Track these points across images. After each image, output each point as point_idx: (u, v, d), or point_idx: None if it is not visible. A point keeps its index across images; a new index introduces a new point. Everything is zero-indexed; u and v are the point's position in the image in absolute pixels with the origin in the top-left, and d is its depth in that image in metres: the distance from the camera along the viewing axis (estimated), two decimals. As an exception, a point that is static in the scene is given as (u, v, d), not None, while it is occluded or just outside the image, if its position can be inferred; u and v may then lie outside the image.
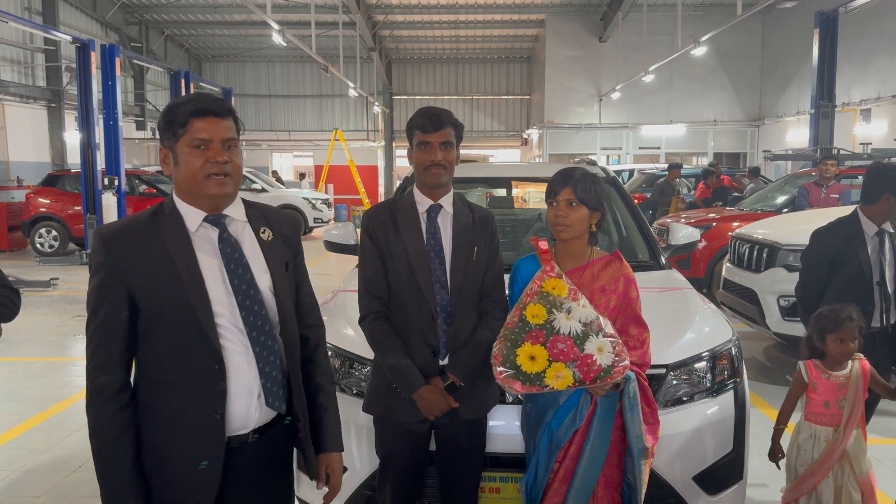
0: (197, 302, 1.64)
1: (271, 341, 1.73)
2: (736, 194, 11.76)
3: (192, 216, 1.70)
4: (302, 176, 22.78)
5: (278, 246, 1.81)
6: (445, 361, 2.34)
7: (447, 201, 2.39)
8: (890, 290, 3.25)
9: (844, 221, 3.33)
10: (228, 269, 1.69)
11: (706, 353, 2.69)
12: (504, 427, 2.56)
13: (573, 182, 2.29)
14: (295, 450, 2.81)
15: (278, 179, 20.71)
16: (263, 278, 1.74)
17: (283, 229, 1.85)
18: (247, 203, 1.82)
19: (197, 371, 1.66)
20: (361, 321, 2.41)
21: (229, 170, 1.67)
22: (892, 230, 3.31)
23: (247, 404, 1.71)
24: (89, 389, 1.67)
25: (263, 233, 1.79)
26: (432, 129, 2.30)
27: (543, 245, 2.27)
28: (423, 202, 2.38)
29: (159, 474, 1.69)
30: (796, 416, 2.96)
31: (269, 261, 1.77)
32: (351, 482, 2.63)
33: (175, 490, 1.69)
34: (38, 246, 12.77)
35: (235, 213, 1.76)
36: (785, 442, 2.95)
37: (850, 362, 2.83)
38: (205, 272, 1.67)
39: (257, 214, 1.82)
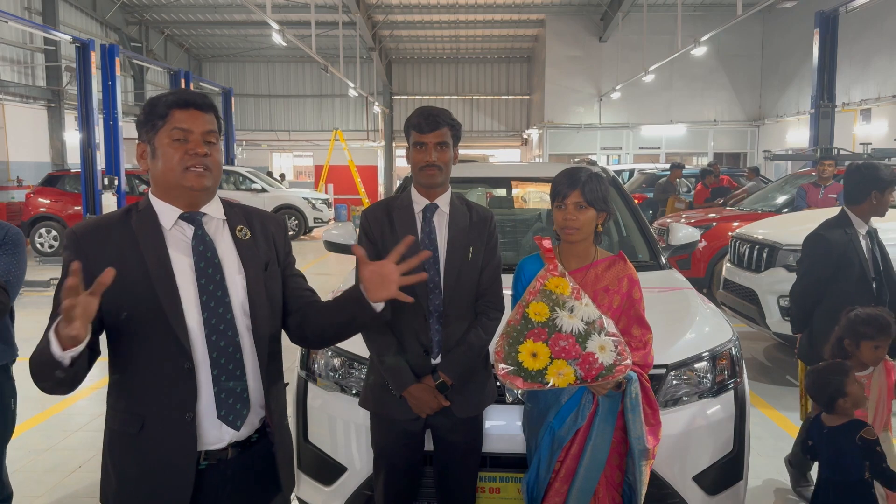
0: (166, 300, 1.59)
1: (232, 348, 1.64)
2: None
3: (168, 213, 1.65)
4: (282, 177, 22.37)
5: (257, 245, 1.75)
6: (438, 361, 2.35)
7: (444, 201, 2.39)
8: (884, 285, 3.37)
9: (838, 223, 3.40)
10: (198, 267, 1.63)
11: (706, 354, 2.69)
12: (504, 427, 2.56)
13: (581, 184, 2.29)
14: (294, 448, 2.81)
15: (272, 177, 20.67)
16: (238, 279, 1.68)
17: (269, 228, 1.80)
18: (226, 203, 1.77)
19: (168, 371, 1.60)
20: None
21: (209, 163, 1.63)
22: (874, 227, 3.45)
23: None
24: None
25: (240, 231, 1.73)
26: (428, 130, 2.30)
27: (547, 244, 2.27)
28: (419, 202, 2.39)
29: (129, 481, 1.64)
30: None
31: (245, 261, 1.70)
32: (351, 482, 2.63)
33: (144, 499, 1.63)
34: (38, 246, 12.78)
35: (213, 210, 1.71)
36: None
37: None
38: (176, 270, 1.62)
39: (237, 213, 1.77)
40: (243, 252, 1.72)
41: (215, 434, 1.65)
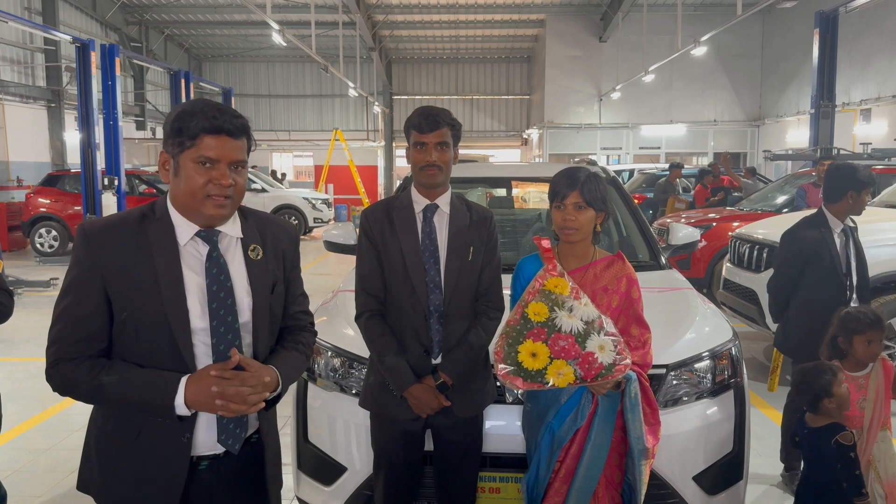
0: (174, 319, 1.57)
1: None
2: (736, 194, 11.75)
3: (184, 228, 1.63)
4: (283, 176, 22.31)
5: (267, 265, 1.73)
6: (438, 361, 2.35)
7: (444, 201, 2.40)
8: (854, 281, 3.50)
9: (812, 221, 3.55)
10: (210, 290, 1.61)
11: (706, 353, 2.69)
12: (504, 427, 2.57)
13: (580, 185, 2.29)
14: (294, 449, 2.82)
15: (274, 176, 20.67)
16: (246, 300, 1.67)
17: (281, 244, 1.78)
18: (244, 213, 1.75)
19: None
20: (357, 318, 2.43)
21: (231, 193, 1.59)
22: (852, 224, 3.57)
23: (216, 431, 1.66)
24: (47, 364, 1.59)
25: (253, 251, 1.71)
26: (428, 130, 2.30)
27: (546, 244, 2.27)
28: (419, 202, 2.39)
29: (117, 479, 1.64)
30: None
31: (254, 282, 1.69)
32: (351, 482, 2.64)
33: (132, 497, 1.63)
34: (38, 246, 12.78)
35: (229, 229, 1.68)
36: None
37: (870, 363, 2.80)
38: (188, 289, 1.60)
39: (252, 229, 1.73)
40: (253, 273, 1.70)
41: (210, 445, 1.67)
